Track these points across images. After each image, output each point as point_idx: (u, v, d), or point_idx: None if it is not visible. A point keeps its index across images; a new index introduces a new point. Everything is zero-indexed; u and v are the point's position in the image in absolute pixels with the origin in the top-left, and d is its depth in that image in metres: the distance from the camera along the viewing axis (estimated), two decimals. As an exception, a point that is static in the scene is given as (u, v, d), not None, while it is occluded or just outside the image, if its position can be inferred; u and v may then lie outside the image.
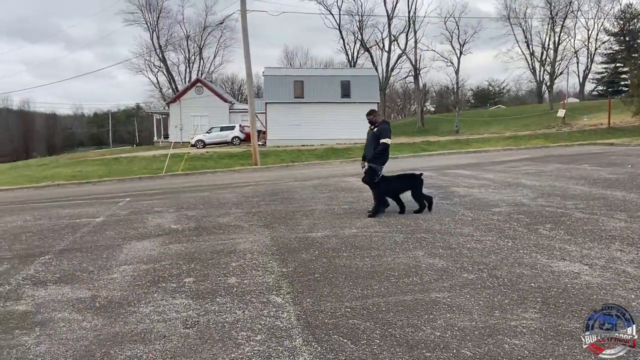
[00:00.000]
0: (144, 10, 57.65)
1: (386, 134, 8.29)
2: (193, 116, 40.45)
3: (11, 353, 3.62)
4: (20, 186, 19.48)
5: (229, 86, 73.73)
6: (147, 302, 4.56)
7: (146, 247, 6.79)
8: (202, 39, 61.69)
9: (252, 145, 22.15)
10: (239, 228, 7.69)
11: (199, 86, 42.92)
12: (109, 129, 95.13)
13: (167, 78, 61.66)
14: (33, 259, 6.42)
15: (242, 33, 22.49)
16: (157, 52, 59.08)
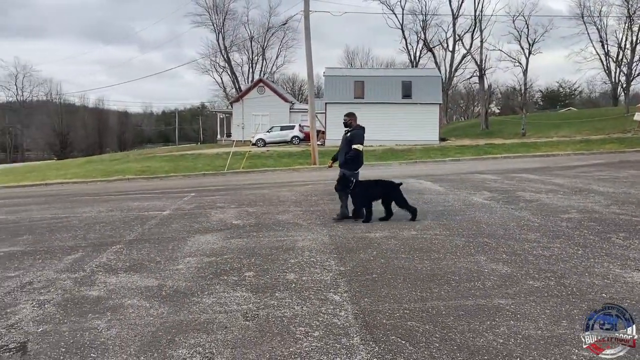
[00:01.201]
0: (211, 12, 59.57)
1: (358, 140, 8.08)
2: (254, 115, 41.34)
3: (84, 335, 3.85)
4: (94, 179, 20.69)
5: (290, 86, 74.75)
6: (210, 293, 4.71)
7: (209, 240, 7.01)
8: (265, 40, 62.97)
9: (312, 144, 22.35)
10: (297, 226, 7.79)
11: (261, 86, 43.82)
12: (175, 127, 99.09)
13: (231, 78, 63.39)
14: (105, 248, 6.80)
15: (304, 33, 22.77)
16: (222, 52, 60.86)
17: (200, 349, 3.51)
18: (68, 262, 6.10)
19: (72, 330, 3.94)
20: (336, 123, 31.54)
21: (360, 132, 8.23)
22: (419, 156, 24.00)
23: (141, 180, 19.75)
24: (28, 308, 4.50)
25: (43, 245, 7.14)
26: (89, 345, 3.66)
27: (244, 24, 63.63)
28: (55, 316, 4.27)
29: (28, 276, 5.55)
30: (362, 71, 41.93)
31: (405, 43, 56.21)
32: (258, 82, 45.76)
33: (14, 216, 10.23)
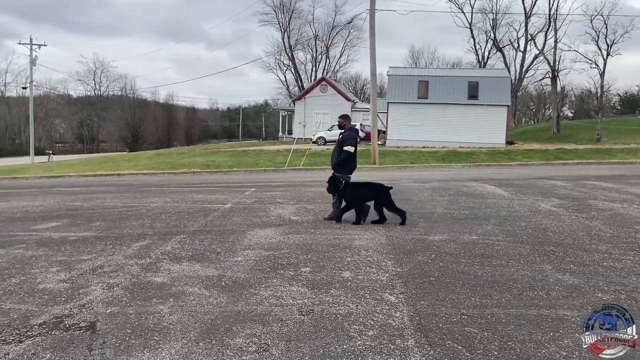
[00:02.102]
0: (278, 11, 60.58)
1: (349, 142, 7.98)
2: (316, 113, 41.68)
3: (149, 319, 4.04)
4: (162, 171, 21.64)
5: (352, 85, 74.69)
6: (267, 286, 4.81)
7: (268, 235, 7.15)
8: (329, 39, 63.29)
9: (372, 144, 22.23)
10: (355, 225, 7.77)
11: (324, 84, 44.10)
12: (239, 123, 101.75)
13: (295, 76, 64.22)
14: (170, 237, 7.10)
15: (369, 32, 22.66)
16: (287, 51, 61.76)
17: (256, 339, 3.59)
18: (136, 249, 6.42)
19: (137, 313, 4.15)
20: (398, 123, 31.36)
21: (352, 134, 8.18)
22: (483, 159, 23.27)
23: (205, 174, 20.43)
24: (98, 290, 4.78)
25: (114, 232, 7.55)
26: (153, 328, 3.83)
27: (309, 22, 64.27)
28: (122, 299, 4.51)
29: (99, 260, 5.89)
30: (427, 71, 41.15)
31: (473, 42, 54.62)
32: (321, 80, 46.09)
33: (88, 203, 10.89)
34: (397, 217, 7.71)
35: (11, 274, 5.33)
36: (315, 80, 50.43)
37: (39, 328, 3.86)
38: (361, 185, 8.08)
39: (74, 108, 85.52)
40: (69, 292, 4.71)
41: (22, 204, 11.05)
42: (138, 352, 3.43)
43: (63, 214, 9.43)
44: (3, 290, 4.78)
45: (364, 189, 7.99)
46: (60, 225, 8.18)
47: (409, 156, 24.20)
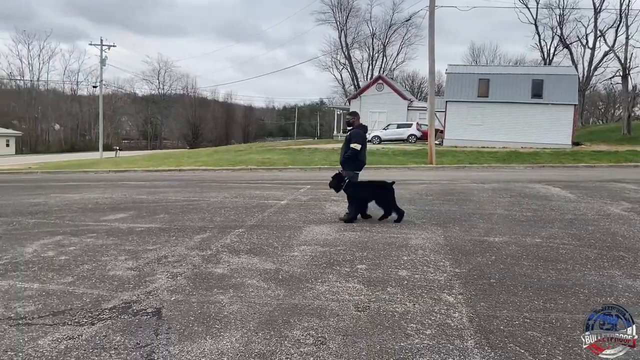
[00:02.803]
0: (335, 10, 60.75)
1: (356, 139, 7.95)
2: (371, 112, 41.42)
3: (210, 308, 4.18)
4: (221, 168, 22.25)
5: (409, 84, 73.72)
6: (323, 281, 4.85)
7: (323, 231, 7.20)
8: (386, 37, 62.81)
9: (429, 143, 21.85)
10: (411, 224, 7.69)
11: (380, 83, 43.77)
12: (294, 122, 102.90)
13: (351, 75, 64.18)
14: (229, 231, 7.30)
15: (428, 30, 22.29)
16: (344, 49, 61.84)
17: (313, 332, 3.64)
18: (197, 241, 6.65)
19: (199, 302, 4.31)
20: (457, 122, 30.64)
21: (359, 131, 8.13)
22: (547, 160, 22.32)
23: (262, 171, 20.81)
24: (163, 279, 5.00)
25: (176, 224, 7.85)
26: (214, 317, 3.97)
27: (367, 20, 64.13)
28: (185, 288, 4.69)
29: (164, 250, 6.15)
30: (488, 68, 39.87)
31: (538, 39, 52.44)
32: (377, 79, 45.78)
33: (153, 197, 11.38)
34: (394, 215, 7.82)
35: (84, 261, 5.67)
36: (371, 79, 50.15)
37: (109, 312, 4.09)
38: (364, 184, 8.10)
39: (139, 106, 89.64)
40: (137, 280, 4.95)
41: (93, 195, 11.70)
42: (201, 338, 3.56)
43: (130, 206, 9.91)
44: (77, 276, 5.09)
45: (367, 187, 8.02)
46: (127, 217, 8.60)
47: (467, 156, 23.61)
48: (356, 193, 7.93)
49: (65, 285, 4.80)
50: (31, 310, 4.13)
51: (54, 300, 4.36)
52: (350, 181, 7.97)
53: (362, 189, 7.99)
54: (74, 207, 9.77)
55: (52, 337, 3.60)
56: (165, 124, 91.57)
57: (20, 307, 4.19)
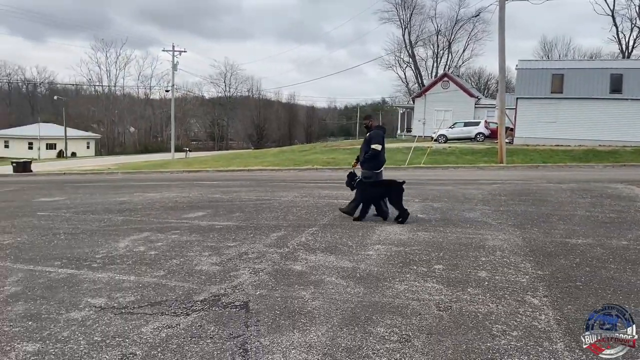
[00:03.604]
0: (399, 8, 60.14)
1: (376, 140, 8.25)
2: (437, 110, 40.68)
3: (294, 303, 4.35)
4: (287, 167, 22.72)
5: (475, 80, 71.64)
6: (401, 280, 4.90)
7: (396, 231, 7.23)
8: (452, 33, 61.42)
9: (499, 142, 21.20)
10: (486, 225, 7.55)
11: (446, 80, 42.87)
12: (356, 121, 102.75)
13: (415, 73, 63.34)
14: (303, 229, 7.49)
15: (497, 25, 21.61)
16: (407, 48, 61.12)
17: (397, 329, 3.71)
18: (274, 239, 6.89)
19: (283, 297, 4.49)
20: (528, 120, 29.48)
21: (378, 132, 8.42)
22: (629, 159, 21.01)
23: (327, 171, 21.05)
24: (246, 274, 5.24)
25: (252, 222, 8.16)
26: (298, 311, 4.13)
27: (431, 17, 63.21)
28: (268, 283, 4.90)
29: (243, 247, 6.43)
30: (561, 63, 38.00)
31: (615, 31, 49.49)
32: (443, 76, 44.87)
33: (227, 196, 11.84)
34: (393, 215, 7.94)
35: (172, 256, 6.04)
36: (436, 77, 49.25)
37: (200, 304, 4.36)
38: (375, 183, 8.28)
39: (206, 108, 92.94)
40: (222, 274, 5.22)
41: (172, 195, 12.35)
42: (288, 331, 3.73)
43: (206, 204, 10.38)
44: (167, 270, 5.44)
45: (378, 186, 8.21)
46: (205, 215, 9.02)
47: (540, 155, 22.69)
48: (364, 192, 8.17)
49: (158, 278, 5.15)
50: (131, 300, 4.48)
51: (150, 292, 4.70)
52: (360, 180, 8.29)
53: (371, 187, 8.20)
54: (156, 206, 10.37)
55: (153, 325, 3.89)
56: (231, 125, 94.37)
57: (121, 298, 4.55)
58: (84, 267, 5.59)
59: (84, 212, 9.74)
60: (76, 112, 76.53)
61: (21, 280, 5.11)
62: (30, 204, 11.42)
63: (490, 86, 69.22)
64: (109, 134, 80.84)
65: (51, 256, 6.10)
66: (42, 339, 3.64)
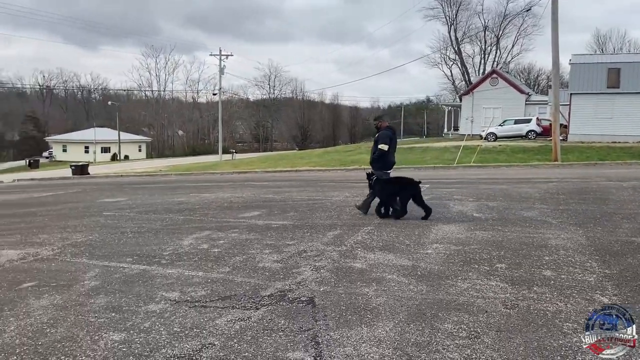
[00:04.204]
0: (444, 5, 59.30)
1: (383, 140, 8.36)
2: (485, 108, 39.82)
3: (358, 299, 4.44)
4: (334, 168, 22.86)
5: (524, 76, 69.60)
6: (463, 279, 4.91)
7: (453, 230, 7.20)
8: (500, 29, 59.93)
9: (553, 139, 20.57)
10: (546, 224, 7.41)
11: (494, 77, 41.89)
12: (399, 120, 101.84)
13: (461, 70, 62.25)
14: (358, 228, 7.58)
15: (550, 18, 20.97)
16: (453, 45, 60.10)
17: (465, 326, 3.74)
18: (330, 237, 7.01)
19: (347, 293, 4.59)
20: (582, 116, 28.47)
21: (387, 132, 8.51)
22: (693, 155, 19.94)
23: (375, 171, 21.01)
24: (308, 271, 5.37)
25: (307, 222, 8.31)
26: (364, 307, 4.22)
27: (478, 13, 61.84)
28: (330, 280, 5.01)
29: (302, 245, 6.58)
30: (618, 57, 36.41)
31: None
32: (491, 73, 43.86)
33: (279, 196, 12.09)
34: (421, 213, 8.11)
35: (234, 254, 6.26)
36: (484, 73, 48.20)
37: (268, 299, 4.52)
38: (392, 181, 8.46)
39: (251, 110, 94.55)
40: (284, 271, 5.38)
41: (226, 195, 12.72)
42: (356, 326, 3.83)
43: (260, 204, 10.64)
44: (232, 267, 5.66)
45: (394, 184, 8.37)
46: (261, 214, 9.26)
47: (596, 152, 21.86)
48: (382, 190, 8.35)
49: (224, 274, 5.36)
50: (202, 294, 4.70)
51: (219, 287, 4.91)
52: (377, 178, 8.46)
53: (388, 185, 8.38)
54: (212, 206, 10.72)
55: (226, 318, 4.08)
56: (275, 126, 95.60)
57: (193, 292, 4.78)
58: (154, 263, 5.89)
59: (146, 212, 10.20)
60: (128, 117, 79.53)
61: (99, 275, 5.45)
62: (95, 204, 12.04)
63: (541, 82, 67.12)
64: (159, 137, 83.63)
65: (122, 253, 6.45)
66: (126, 329, 3.90)
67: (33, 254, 6.57)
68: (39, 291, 4.92)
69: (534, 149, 24.06)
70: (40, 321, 4.12)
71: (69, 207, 11.73)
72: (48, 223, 9.15)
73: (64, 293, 4.84)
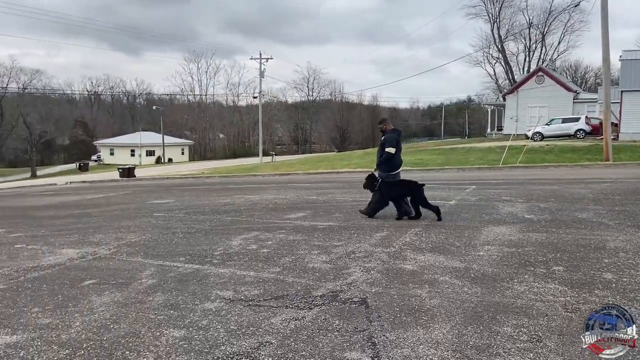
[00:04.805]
0: (487, 2, 57.86)
1: (390, 144, 8.53)
2: (530, 107, 38.69)
3: (411, 301, 4.40)
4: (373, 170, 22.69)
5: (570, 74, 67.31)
6: (520, 281, 4.78)
7: (504, 232, 7.04)
8: (545, 25, 58.11)
9: (604, 138, 19.79)
10: (602, 225, 7.13)
11: (540, 75, 40.63)
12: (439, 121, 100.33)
13: (505, 69, 60.66)
14: (406, 229, 7.51)
15: (600, 13, 20.19)
16: (497, 43, 58.69)
17: (525, 329, 3.64)
18: (378, 239, 6.98)
19: (399, 295, 4.56)
20: (635, 114, 27.22)
21: (392, 135, 8.65)
22: None
23: (418, 172, 20.75)
24: (358, 272, 5.37)
25: (353, 223, 8.30)
26: (418, 309, 4.18)
27: (522, 10, 59.99)
28: (381, 281, 4.99)
29: (350, 246, 6.57)
30: (672, 51, 34.66)
31: None
32: (537, 71, 42.58)
33: (323, 197, 12.13)
34: None
35: (283, 254, 6.32)
36: (529, 71, 46.86)
37: (320, 299, 4.54)
38: (395, 183, 8.56)
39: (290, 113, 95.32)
40: (334, 272, 5.39)
41: (270, 197, 12.86)
42: (412, 327, 3.79)
43: (305, 205, 10.70)
44: (282, 267, 5.71)
45: (399, 186, 8.49)
46: (306, 215, 9.32)
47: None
48: (389, 192, 8.46)
49: (275, 274, 5.42)
50: (256, 294, 4.77)
51: (271, 287, 4.96)
52: (382, 181, 8.57)
53: (394, 186, 8.48)
54: (257, 207, 10.86)
55: (281, 317, 4.13)
56: (314, 128, 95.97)
57: (246, 291, 4.85)
58: (206, 262, 6.02)
59: (194, 213, 10.44)
60: (171, 120, 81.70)
61: (154, 273, 5.62)
62: (146, 205, 12.42)
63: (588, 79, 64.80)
64: (200, 140, 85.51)
65: (175, 252, 6.63)
66: (185, 326, 4.00)
67: (91, 252, 6.85)
68: (99, 288, 5.12)
69: (584, 149, 23.21)
70: (103, 317, 4.28)
71: (120, 208, 12.15)
72: (102, 223, 9.51)
73: (123, 290, 5.01)
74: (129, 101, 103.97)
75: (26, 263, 6.40)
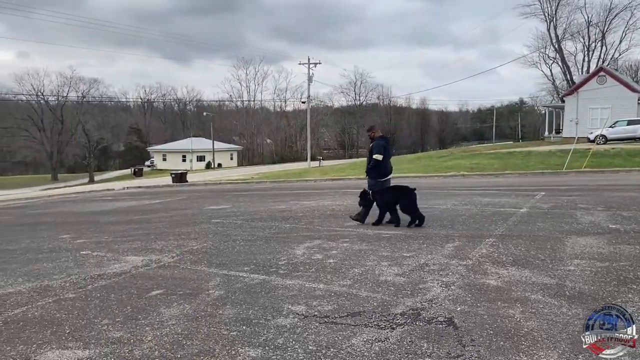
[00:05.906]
0: (543, 1, 55.74)
1: (377, 150, 8.55)
2: (592, 109, 36.77)
3: (505, 322, 3.95)
4: (429, 174, 22.10)
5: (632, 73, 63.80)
6: (624, 301, 4.25)
7: (591, 244, 6.44)
8: (605, 23, 55.33)
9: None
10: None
11: (602, 75, 38.55)
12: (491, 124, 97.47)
13: (562, 69, 58.14)
14: (480, 240, 7.01)
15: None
16: (553, 42, 56.38)
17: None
18: (450, 249, 6.53)
19: (489, 315, 4.13)
20: None
21: (380, 142, 8.64)
22: None
23: (475, 177, 20.01)
24: (437, 287, 4.96)
25: (420, 232, 7.87)
26: (514, 333, 3.74)
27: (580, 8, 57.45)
28: (465, 299, 4.57)
29: (422, 258, 6.16)
30: None
31: None
32: (598, 71, 40.44)
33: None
34: None
35: (351, 265, 5.99)
36: (589, 72, 44.65)
37: (401, 317, 4.17)
38: (388, 189, 8.62)
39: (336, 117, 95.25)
40: (410, 286, 5.01)
41: (326, 203, 12.59)
42: (513, 354, 3.38)
43: (364, 212, 10.33)
44: (352, 279, 5.38)
45: (391, 192, 8.52)
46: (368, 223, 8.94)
47: None
48: (383, 198, 8.49)
49: (346, 287, 5.10)
50: (330, 309, 4.45)
51: (345, 302, 4.64)
52: (374, 191, 8.61)
53: (386, 193, 8.54)
54: (315, 214, 10.60)
55: (362, 337, 3.79)
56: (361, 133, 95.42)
57: (319, 306, 4.55)
58: (272, 273, 5.77)
59: (252, 219, 10.29)
60: (220, 126, 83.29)
61: (221, 284, 5.41)
62: (203, 211, 12.41)
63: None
64: (248, 145, 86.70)
65: (239, 261, 6.43)
66: (260, 345, 3.74)
67: (155, 260, 6.76)
68: (167, 299, 4.96)
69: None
70: (174, 332, 4.08)
71: (179, 214, 12.18)
72: (163, 230, 9.50)
73: (192, 302, 4.83)
74: (180, 108, 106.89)
75: (93, 270, 6.37)
